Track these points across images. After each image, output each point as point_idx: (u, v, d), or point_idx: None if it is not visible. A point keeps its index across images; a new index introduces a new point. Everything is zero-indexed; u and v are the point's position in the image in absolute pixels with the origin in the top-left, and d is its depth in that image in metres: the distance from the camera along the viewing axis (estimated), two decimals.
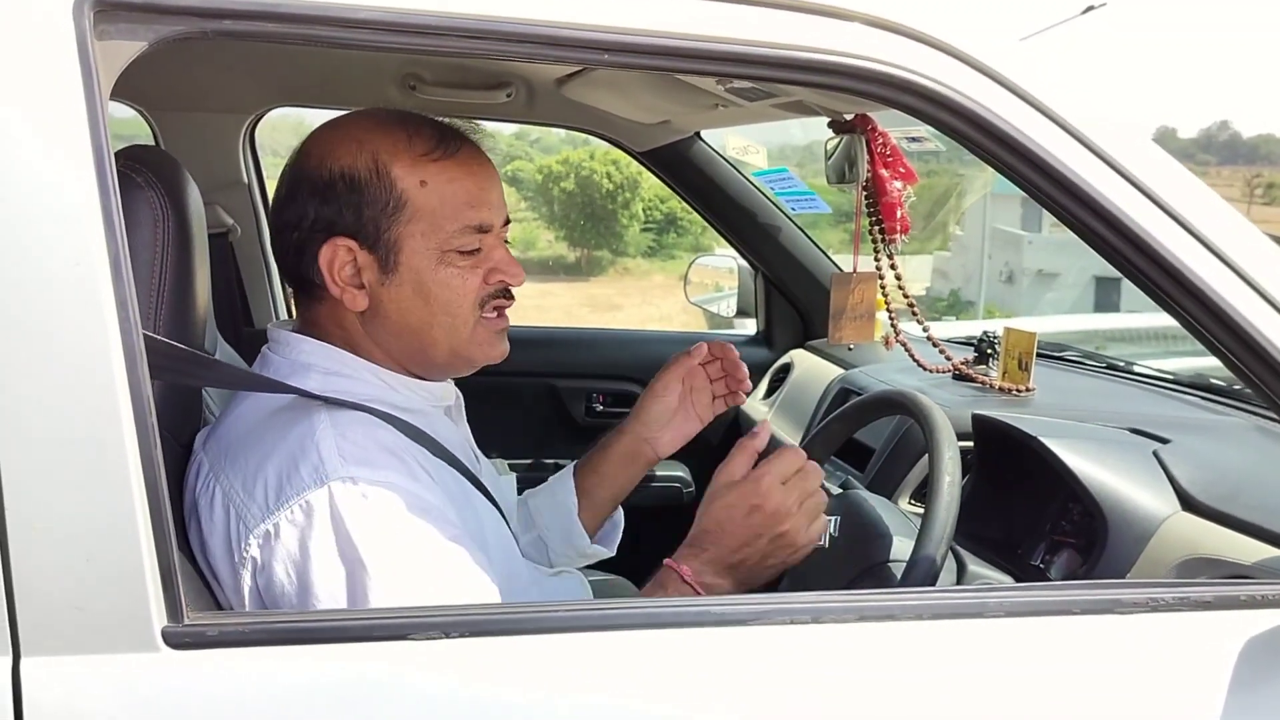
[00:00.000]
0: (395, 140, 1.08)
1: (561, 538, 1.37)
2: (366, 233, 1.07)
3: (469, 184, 1.09)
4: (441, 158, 1.08)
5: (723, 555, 1.08)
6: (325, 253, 1.07)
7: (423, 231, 1.07)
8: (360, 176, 1.06)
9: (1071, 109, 0.92)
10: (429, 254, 1.08)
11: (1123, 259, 0.94)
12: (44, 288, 0.75)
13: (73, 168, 0.75)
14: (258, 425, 1.04)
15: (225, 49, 1.83)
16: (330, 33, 0.82)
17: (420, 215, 1.07)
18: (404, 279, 1.08)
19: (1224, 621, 0.92)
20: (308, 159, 1.10)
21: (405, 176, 1.07)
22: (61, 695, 0.75)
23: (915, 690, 0.87)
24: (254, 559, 0.97)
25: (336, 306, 1.10)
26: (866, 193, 1.79)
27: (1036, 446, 1.39)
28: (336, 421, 1.02)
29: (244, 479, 1.00)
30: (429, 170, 1.07)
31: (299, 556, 0.96)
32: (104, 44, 0.77)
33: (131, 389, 0.76)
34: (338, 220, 1.07)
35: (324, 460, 0.98)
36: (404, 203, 1.07)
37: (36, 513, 0.75)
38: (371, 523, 0.96)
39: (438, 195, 1.07)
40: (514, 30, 0.84)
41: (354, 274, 1.08)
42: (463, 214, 1.08)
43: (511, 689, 0.82)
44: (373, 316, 1.10)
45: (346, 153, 1.08)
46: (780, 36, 0.88)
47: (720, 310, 2.74)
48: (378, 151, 1.07)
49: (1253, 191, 24.46)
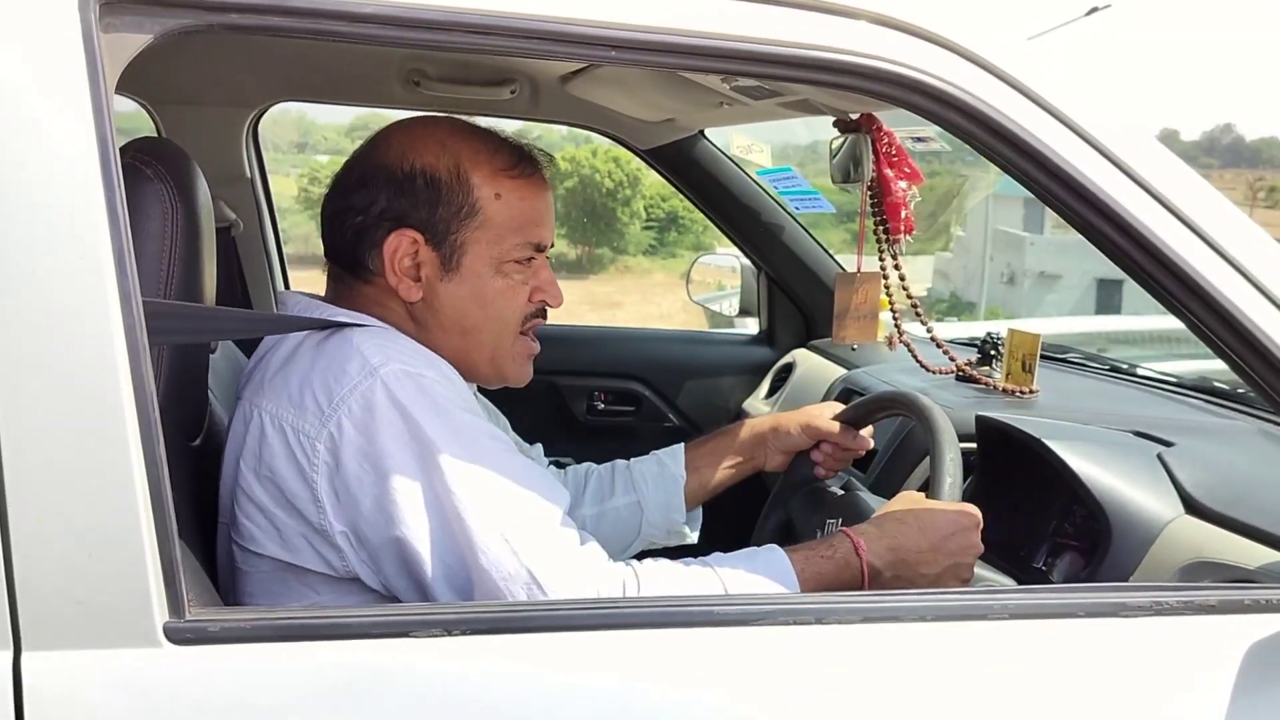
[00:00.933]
0: (479, 150, 1.14)
1: (661, 508, 1.40)
2: (436, 231, 1.12)
3: (537, 204, 1.16)
4: (518, 175, 1.14)
5: (906, 550, 1.09)
6: (391, 241, 1.12)
7: (488, 240, 1.13)
8: (441, 177, 1.12)
9: (1078, 108, 0.91)
10: (489, 262, 1.13)
11: (1128, 259, 0.93)
12: (48, 281, 0.74)
13: (78, 160, 0.75)
14: (291, 356, 1.07)
15: (229, 43, 1.83)
16: (335, 27, 0.82)
17: (489, 225, 1.13)
18: (464, 280, 1.13)
19: (1228, 626, 0.92)
20: (387, 150, 1.14)
21: (483, 185, 1.13)
22: (63, 689, 0.75)
23: (919, 692, 0.87)
24: (326, 463, 1.00)
25: (385, 294, 1.14)
26: (871, 192, 1.79)
27: (1040, 448, 1.39)
28: (372, 334, 1.06)
29: (289, 397, 1.03)
30: (506, 185, 1.14)
31: (368, 446, 0.99)
32: (110, 37, 0.78)
33: (135, 384, 0.76)
34: (411, 214, 1.12)
35: (368, 358, 1.02)
36: (477, 210, 1.12)
37: (39, 507, 0.75)
38: (427, 403, 1.00)
39: (509, 209, 1.13)
40: (519, 26, 0.84)
41: (412, 266, 1.13)
42: (526, 230, 1.14)
43: (514, 687, 0.81)
44: (425, 308, 1.14)
45: (430, 152, 1.13)
46: (787, 35, 0.88)
47: (723, 309, 2.74)
48: (461, 157, 1.13)
49: (1255, 195, 24.45)
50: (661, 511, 1.40)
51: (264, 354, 1.12)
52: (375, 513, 0.99)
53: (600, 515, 1.40)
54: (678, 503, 1.40)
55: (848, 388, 2.00)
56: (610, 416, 2.44)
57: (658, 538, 1.42)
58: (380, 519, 0.99)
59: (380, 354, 1.02)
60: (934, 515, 1.11)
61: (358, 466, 0.99)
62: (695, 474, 1.41)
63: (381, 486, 0.98)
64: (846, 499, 1.31)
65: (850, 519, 1.21)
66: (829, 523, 1.23)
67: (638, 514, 1.40)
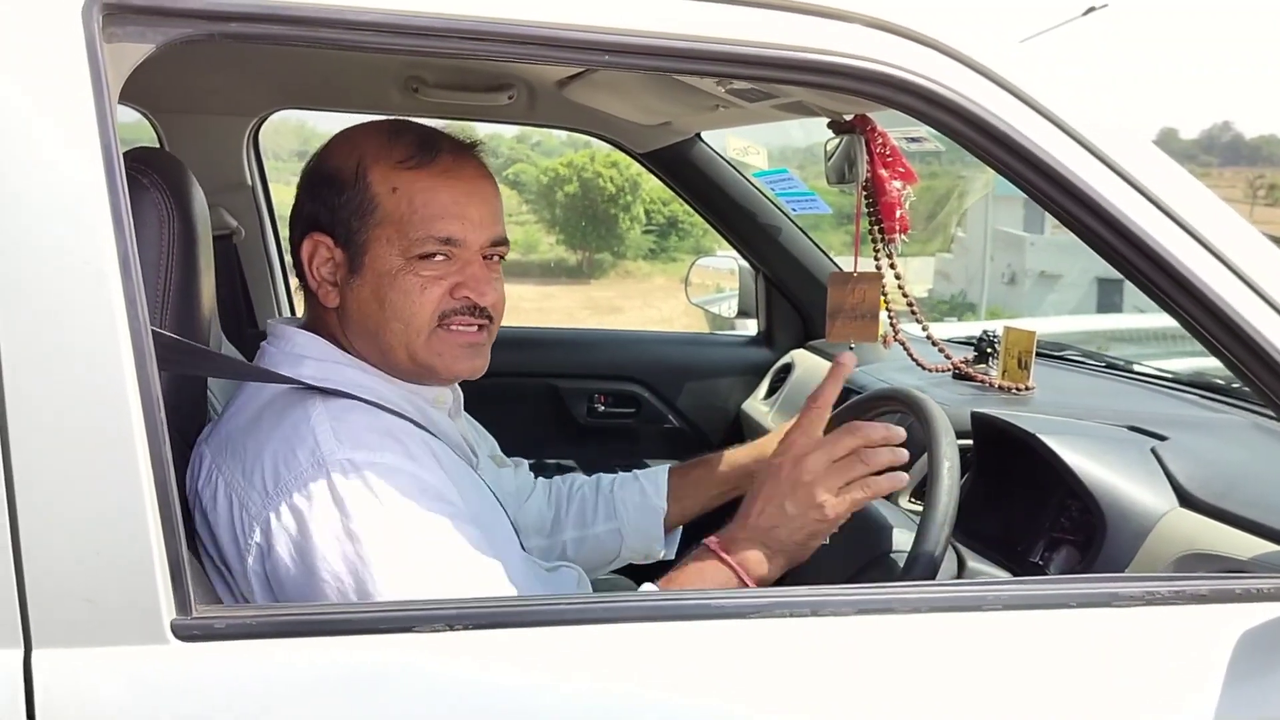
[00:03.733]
0: (379, 144, 1.11)
1: (640, 537, 1.41)
2: (340, 231, 1.11)
3: (442, 196, 1.10)
4: (416, 166, 1.10)
5: (761, 527, 1.06)
6: (306, 247, 1.12)
7: (388, 237, 1.09)
8: (343, 177, 1.10)
9: (1069, 109, 0.92)
10: (393, 259, 1.10)
11: (1120, 258, 0.95)
12: (56, 286, 0.76)
13: (83, 168, 0.77)
14: (254, 416, 1.06)
15: (229, 52, 1.84)
16: (334, 35, 0.83)
17: (388, 220, 1.09)
18: (365, 280, 1.11)
19: (1220, 615, 0.93)
20: (315, 160, 1.15)
21: (379, 181, 1.10)
22: (72, 687, 0.76)
23: (913, 682, 0.88)
24: (259, 545, 0.99)
25: (318, 303, 1.14)
26: (866, 193, 1.80)
27: (1035, 444, 1.40)
28: (331, 407, 1.04)
29: (243, 468, 1.02)
30: (402, 177, 1.10)
31: (301, 540, 0.98)
32: (112, 46, 0.79)
33: (141, 385, 0.77)
34: (320, 216, 1.11)
35: (320, 444, 1.00)
36: (374, 206, 1.09)
37: (47, 507, 0.76)
38: (371, 503, 0.97)
39: (407, 202, 1.09)
40: (515, 32, 0.85)
41: (331, 271, 1.12)
42: (430, 224, 1.09)
43: (516, 681, 0.83)
44: (342, 314, 1.13)
45: (340, 153, 1.12)
46: (780, 37, 0.89)
47: (721, 311, 2.75)
48: (363, 155, 1.11)
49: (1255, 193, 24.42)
50: (641, 539, 1.41)
51: (235, 404, 1.10)
52: (297, 596, 0.99)
53: (581, 540, 1.41)
54: (657, 533, 1.40)
55: (845, 386, 2.01)
56: (610, 418, 2.45)
57: (636, 560, 1.43)
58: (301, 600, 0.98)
59: (333, 439, 1.00)
60: (774, 484, 1.06)
61: (288, 556, 0.98)
62: (676, 503, 1.40)
63: (307, 579, 0.97)
64: None
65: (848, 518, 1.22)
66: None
67: (618, 539, 1.41)
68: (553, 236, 24.54)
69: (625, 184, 22.14)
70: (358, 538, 0.96)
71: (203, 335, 1.12)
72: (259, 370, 1.11)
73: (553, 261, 23.34)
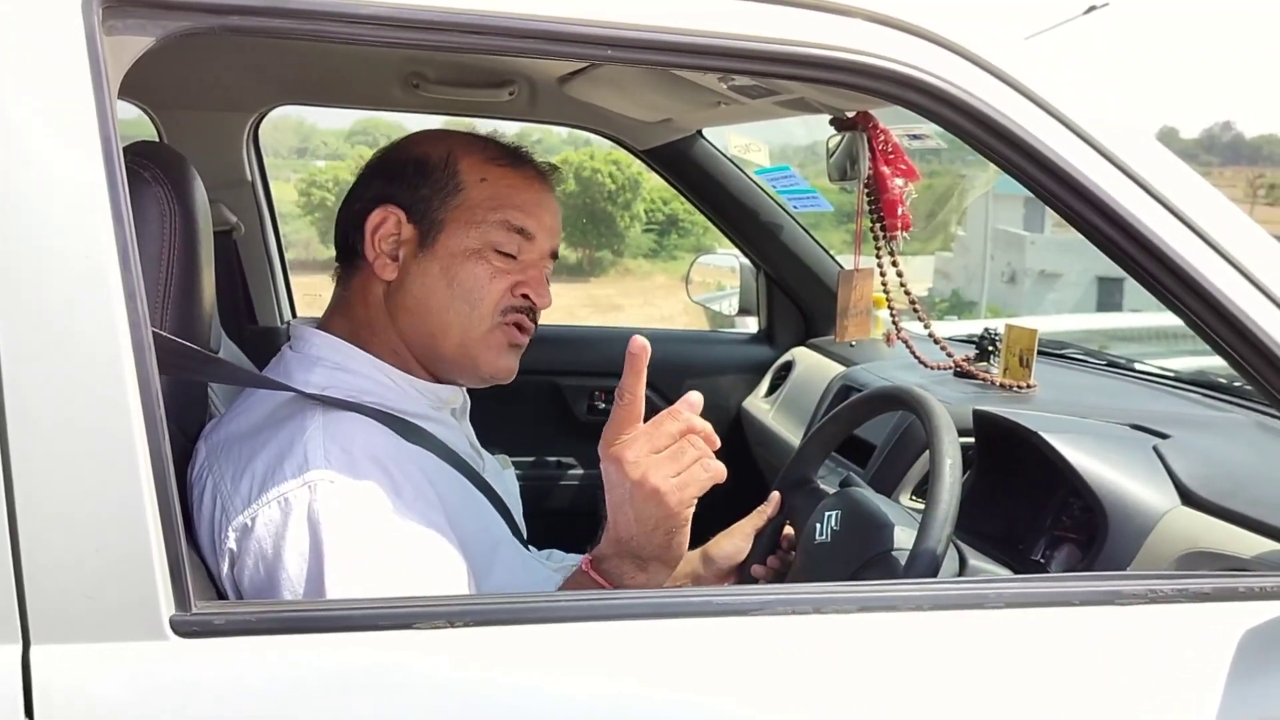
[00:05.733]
0: (474, 142, 1.17)
1: None
2: (417, 208, 1.13)
3: (525, 194, 1.16)
4: (506, 165, 1.16)
5: (620, 539, 1.02)
6: (375, 216, 1.14)
7: (467, 219, 1.13)
8: (431, 163, 1.14)
9: (1073, 105, 0.92)
10: (467, 242, 1.13)
11: (1124, 254, 0.94)
12: (55, 280, 0.75)
13: (83, 162, 0.76)
14: (254, 423, 1.06)
15: (229, 47, 1.84)
16: (335, 28, 0.83)
17: (469, 204, 1.13)
18: (436, 257, 1.13)
19: (1222, 613, 0.92)
20: (394, 150, 1.19)
21: (469, 170, 1.14)
22: (70, 683, 0.76)
23: (916, 680, 0.88)
24: (230, 550, 0.99)
25: (369, 278, 1.15)
26: (868, 190, 1.80)
27: (1037, 442, 1.39)
28: (329, 423, 1.03)
29: (233, 472, 1.02)
30: (491, 171, 1.15)
31: (270, 552, 0.97)
32: (112, 39, 0.78)
33: (140, 381, 0.76)
34: (397, 194, 1.14)
35: (309, 460, 0.99)
36: (459, 190, 1.13)
37: (46, 503, 0.76)
38: (344, 528, 0.97)
39: (491, 192, 1.14)
40: (516, 26, 0.85)
41: (393, 246, 1.14)
42: (506, 211, 1.13)
43: (515, 678, 0.82)
44: (397, 289, 1.14)
45: (428, 142, 1.17)
46: (783, 32, 0.89)
47: (722, 308, 2.75)
48: (454, 146, 1.16)
49: (1255, 192, 24.44)
50: None
51: (239, 406, 1.10)
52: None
53: None
54: None
55: (846, 384, 2.01)
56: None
57: None
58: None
59: (323, 458, 0.99)
60: (611, 489, 1.00)
61: (253, 565, 0.98)
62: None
63: (268, 591, 0.97)
64: (844, 496, 1.32)
65: (847, 515, 1.22)
66: (827, 515, 1.23)
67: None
68: None
69: (625, 182, 22.15)
70: (323, 559, 0.95)
71: (203, 331, 1.11)
72: (259, 377, 1.12)
73: None
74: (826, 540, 1.22)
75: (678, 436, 0.99)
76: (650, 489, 0.97)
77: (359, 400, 1.07)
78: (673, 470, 0.98)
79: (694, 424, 1.00)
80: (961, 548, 1.25)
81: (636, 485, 0.97)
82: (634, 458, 0.97)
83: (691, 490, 0.99)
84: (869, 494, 1.29)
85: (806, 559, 1.26)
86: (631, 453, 0.98)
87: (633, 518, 0.99)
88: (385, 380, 1.12)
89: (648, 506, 0.98)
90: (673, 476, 0.98)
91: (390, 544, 0.98)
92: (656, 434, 0.99)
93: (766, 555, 1.33)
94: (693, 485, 0.98)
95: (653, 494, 0.97)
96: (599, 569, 1.03)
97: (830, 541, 1.22)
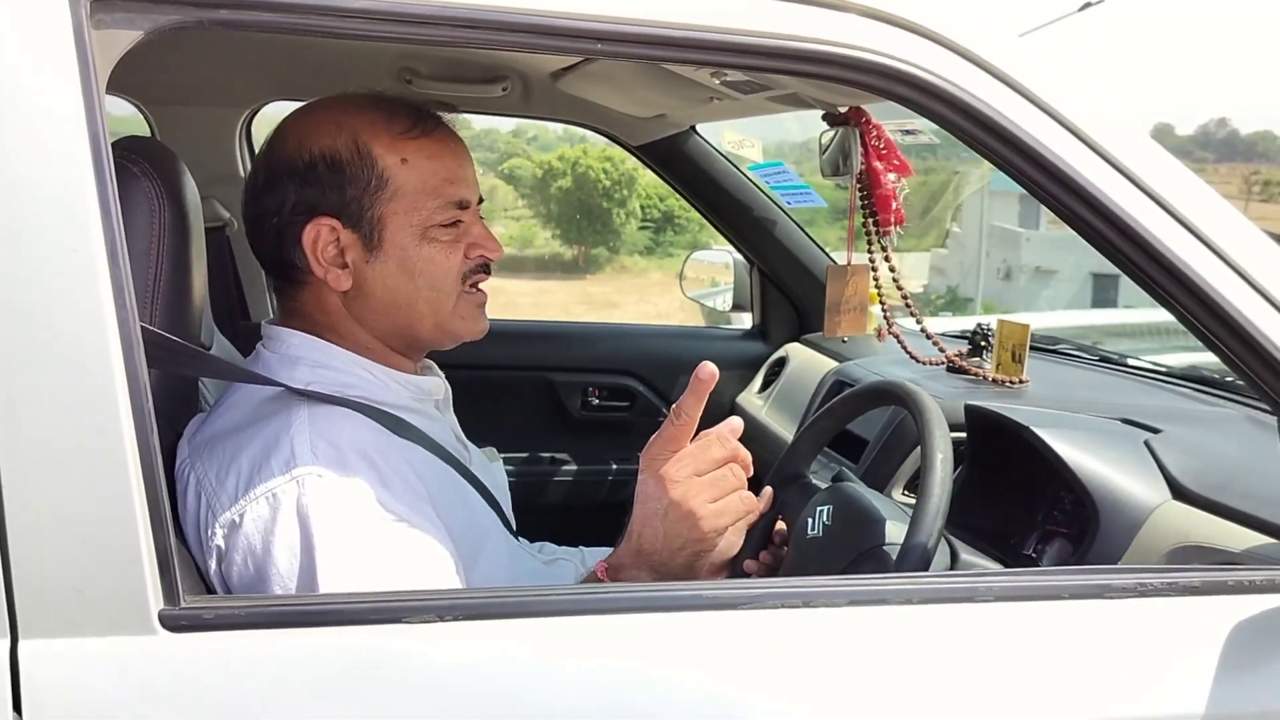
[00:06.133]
0: (374, 120, 1.09)
1: None
2: (349, 212, 1.08)
3: (448, 161, 1.11)
4: (420, 135, 1.10)
5: (643, 551, 1.03)
6: (309, 233, 1.08)
7: (405, 209, 1.09)
8: (342, 156, 1.08)
9: (1065, 102, 0.92)
10: (412, 230, 1.09)
11: (1115, 250, 0.94)
12: (42, 275, 0.75)
13: (70, 156, 0.76)
14: (239, 420, 1.05)
15: (221, 42, 1.84)
16: (325, 23, 0.83)
17: (402, 193, 1.09)
18: (389, 255, 1.09)
19: (1212, 607, 0.93)
20: (284, 145, 1.11)
21: (386, 155, 1.08)
22: (59, 677, 0.76)
23: (906, 673, 0.88)
24: (218, 547, 0.99)
25: (320, 289, 1.11)
26: (860, 185, 1.80)
27: (1028, 436, 1.40)
28: (315, 418, 1.02)
29: (218, 469, 1.01)
30: (408, 148, 1.09)
31: (259, 548, 0.97)
32: (100, 33, 0.78)
33: (129, 375, 0.76)
34: (321, 201, 1.08)
35: (295, 455, 0.98)
36: (386, 180, 1.08)
37: (34, 497, 0.76)
38: (333, 523, 0.96)
39: (418, 173, 1.09)
40: (506, 20, 0.85)
41: (337, 254, 1.09)
42: (443, 190, 1.10)
43: (506, 672, 0.82)
44: (356, 295, 1.11)
45: (325, 134, 1.09)
46: (775, 26, 0.89)
47: (716, 305, 2.75)
48: (357, 131, 1.08)
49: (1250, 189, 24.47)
50: None
51: (224, 403, 1.09)
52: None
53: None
54: None
55: (839, 380, 2.02)
56: (604, 412, 2.45)
57: None
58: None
59: (309, 452, 0.98)
60: (644, 503, 1.02)
61: (242, 561, 0.97)
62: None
63: (258, 587, 0.97)
64: (836, 491, 1.32)
65: (839, 510, 1.22)
66: (819, 510, 1.23)
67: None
68: (548, 231, 24.53)
69: (621, 179, 22.14)
70: (313, 553, 0.95)
71: (194, 327, 1.11)
72: (248, 372, 1.10)
73: (548, 256, 23.34)
74: (818, 535, 1.22)
75: (721, 463, 1.01)
76: (686, 510, 0.99)
77: (343, 395, 1.07)
78: (711, 496, 1.00)
79: (739, 453, 1.02)
80: (953, 542, 1.25)
81: (674, 504, 0.99)
82: (677, 477, 0.99)
83: (725, 519, 1.01)
84: (861, 489, 1.29)
85: (798, 554, 1.26)
86: (675, 470, 1.00)
87: (662, 534, 1.01)
88: (366, 375, 1.11)
89: (681, 526, 1.00)
90: (711, 502, 1.00)
91: (379, 537, 0.98)
92: (702, 457, 1.01)
93: (759, 551, 1.33)
94: (728, 514, 1.01)
95: (688, 516, 0.99)
96: (614, 577, 1.04)
97: (822, 536, 1.22)
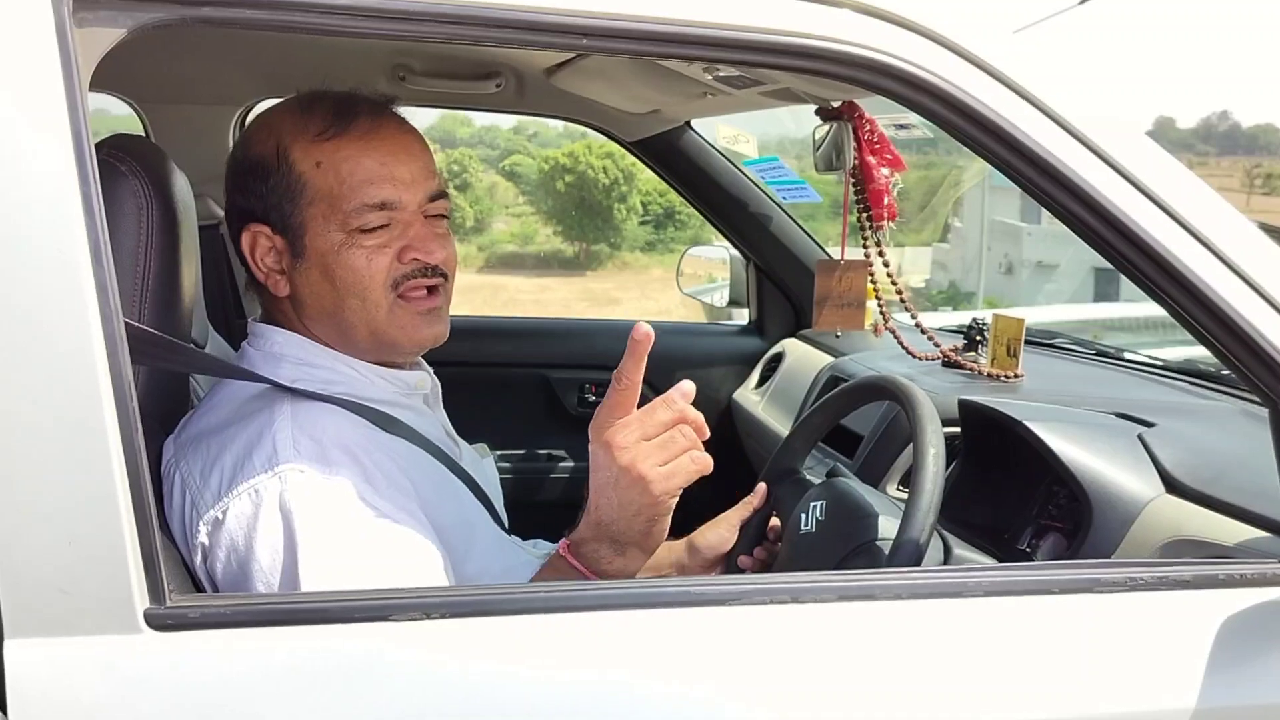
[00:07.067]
0: (294, 122, 1.09)
1: None
2: (275, 217, 1.08)
3: (367, 161, 1.07)
4: (335, 135, 1.07)
5: (600, 522, 1.01)
6: (245, 240, 1.10)
7: (323, 214, 1.07)
8: (266, 163, 1.08)
9: (1057, 97, 0.92)
10: (333, 235, 1.07)
11: (1107, 245, 0.94)
12: (25, 273, 0.75)
13: (54, 154, 0.76)
14: (224, 416, 1.05)
15: (213, 40, 1.83)
16: (310, 19, 0.82)
17: (319, 197, 1.07)
18: (311, 262, 1.08)
19: (1203, 600, 0.93)
20: (235, 150, 1.13)
21: (302, 159, 1.07)
22: (45, 676, 0.76)
23: (895, 668, 0.88)
24: (202, 544, 0.99)
25: (272, 296, 1.11)
26: (854, 180, 1.80)
27: (1022, 431, 1.39)
28: (298, 414, 1.02)
29: (202, 466, 1.01)
30: (323, 150, 1.07)
31: (242, 545, 0.97)
32: (83, 31, 0.78)
33: (113, 373, 0.76)
34: (254, 207, 1.09)
35: (278, 451, 0.98)
36: (303, 186, 1.07)
37: (19, 496, 0.75)
38: (316, 519, 0.96)
39: (333, 175, 1.07)
40: (495, 15, 0.84)
41: (276, 261, 1.09)
42: (361, 192, 1.07)
43: (492, 669, 0.82)
44: (296, 302, 1.11)
45: (258, 140, 1.10)
46: (768, 21, 0.88)
47: (713, 301, 2.75)
48: (281, 136, 1.08)
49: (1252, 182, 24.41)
50: None
51: (210, 401, 1.09)
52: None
53: None
54: None
55: (834, 375, 2.01)
56: None
57: None
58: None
59: (292, 448, 0.98)
60: (597, 473, 1.00)
61: (225, 558, 0.97)
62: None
63: (242, 584, 0.97)
64: (830, 486, 1.32)
65: (832, 506, 1.22)
66: (812, 505, 1.23)
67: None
68: (549, 228, 24.53)
69: (620, 175, 22.13)
70: (296, 549, 0.95)
71: (184, 324, 1.11)
72: (234, 367, 1.10)
73: (549, 253, 23.34)
74: (811, 531, 1.22)
75: (669, 425, 0.99)
76: (637, 475, 0.97)
77: (328, 391, 1.07)
78: (661, 459, 0.98)
79: (686, 414, 1.00)
80: (947, 537, 1.25)
81: (624, 470, 0.97)
82: (624, 443, 0.97)
83: (677, 480, 0.99)
84: (854, 484, 1.29)
85: (792, 550, 1.26)
86: (622, 437, 0.97)
87: (616, 502, 0.99)
88: (351, 371, 1.11)
89: (632, 492, 0.98)
90: (660, 465, 0.98)
91: (363, 533, 0.98)
92: (649, 421, 0.98)
93: (753, 546, 1.33)
94: (679, 475, 0.99)
95: (639, 480, 0.97)
96: (576, 552, 1.03)
97: (815, 532, 1.22)
